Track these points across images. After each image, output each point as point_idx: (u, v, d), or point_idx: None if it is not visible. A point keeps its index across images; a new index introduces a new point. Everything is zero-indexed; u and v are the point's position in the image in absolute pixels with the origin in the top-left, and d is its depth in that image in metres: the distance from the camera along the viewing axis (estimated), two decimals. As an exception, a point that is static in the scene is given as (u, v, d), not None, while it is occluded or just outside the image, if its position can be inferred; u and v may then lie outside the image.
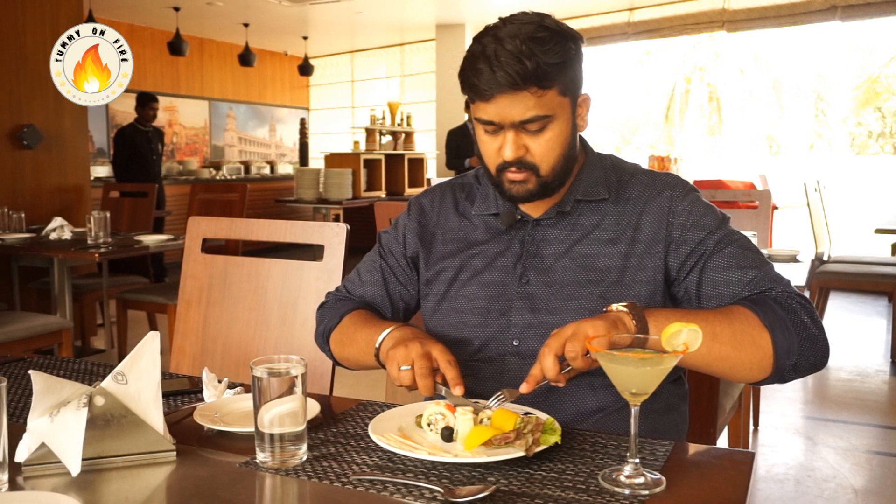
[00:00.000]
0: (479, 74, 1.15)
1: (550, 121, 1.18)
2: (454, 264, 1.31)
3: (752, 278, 1.17)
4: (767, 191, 3.77)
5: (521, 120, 1.16)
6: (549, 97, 1.16)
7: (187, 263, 1.70)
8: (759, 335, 1.09)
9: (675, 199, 1.24)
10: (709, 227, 1.22)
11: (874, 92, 26.72)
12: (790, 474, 2.80)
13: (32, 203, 4.77)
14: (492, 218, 1.32)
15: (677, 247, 1.22)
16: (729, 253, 1.19)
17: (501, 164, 1.21)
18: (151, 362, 1.01)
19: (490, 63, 1.14)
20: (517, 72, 1.12)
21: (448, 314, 1.30)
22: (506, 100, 1.15)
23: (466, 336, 1.27)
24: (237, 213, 4.24)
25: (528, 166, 1.20)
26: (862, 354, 4.52)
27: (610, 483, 0.89)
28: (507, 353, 1.24)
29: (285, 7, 7.87)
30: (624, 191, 1.27)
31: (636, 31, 8.21)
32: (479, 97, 1.17)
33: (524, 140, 1.19)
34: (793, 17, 7.32)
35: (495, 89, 1.14)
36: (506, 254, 1.28)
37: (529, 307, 1.24)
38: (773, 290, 1.16)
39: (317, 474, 0.93)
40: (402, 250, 1.38)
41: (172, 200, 7.52)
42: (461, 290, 1.29)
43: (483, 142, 1.23)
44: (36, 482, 0.93)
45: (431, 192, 1.43)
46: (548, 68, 1.13)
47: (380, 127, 8.12)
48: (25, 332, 3.07)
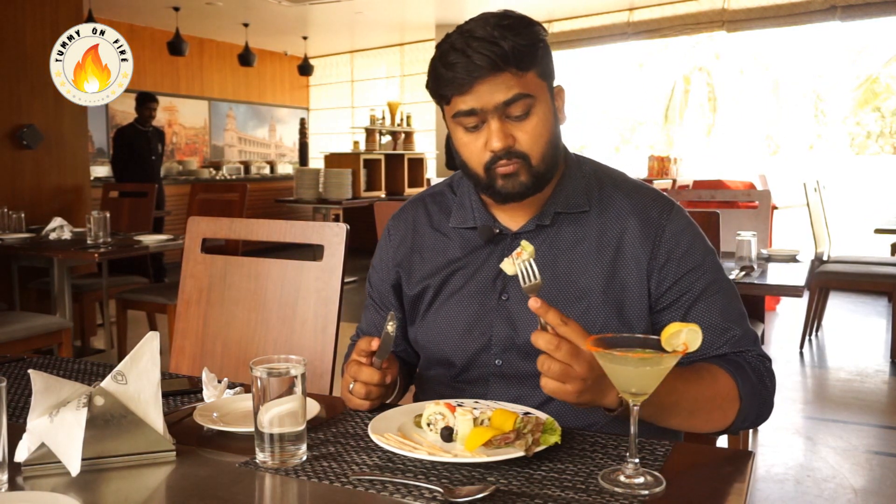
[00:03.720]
0: (452, 66, 1.11)
1: (534, 103, 1.14)
2: (434, 283, 1.27)
3: (733, 336, 1.18)
4: (767, 191, 3.77)
5: (505, 100, 1.11)
6: (529, 79, 1.13)
7: (187, 263, 1.70)
8: (730, 406, 1.13)
9: (663, 222, 1.20)
10: (695, 260, 1.19)
11: (873, 92, 26.71)
12: (790, 474, 2.80)
13: (32, 203, 4.77)
14: (469, 232, 1.27)
15: (660, 273, 1.18)
16: (716, 302, 1.18)
17: (490, 159, 1.15)
18: (151, 362, 1.01)
19: (464, 52, 1.10)
20: (494, 52, 1.09)
21: (430, 333, 1.27)
22: (485, 86, 1.11)
23: (448, 356, 1.25)
24: (237, 213, 4.23)
25: (518, 155, 1.15)
26: (862, 354, 4.52)
27: (610, 483, 0.89)
28: (490, 373, 1.22)
29: (285, 7, 7.87)
30: (606, 202, 1.23)
31: (636, 31, 8.21)
32: (457, 90, 1.12)
33: (510, 129, 1.14)
34: (792, 17, 7.32)
35: (474, 75, 1.10)
36: (484, 269, 1.24)
37: (510, 324, 1.21)
38: (749, 353, 1.18)
39: (316, 474, 0.93)
40: (387, 283, 1.35)
41: (172, 200, 7.52)
42: (441, 310, 1.26)
43: (464, 144, 1.18)
44: (36, 482, 0.93)
45: (403, 211, 1.38)
46: (524, 49, 1.11)
47: (379, 127, 8.12)
48: (25, 333, 3.07)
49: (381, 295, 1.37)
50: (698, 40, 23.73)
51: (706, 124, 26.30)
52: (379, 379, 1.13)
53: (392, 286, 1.35)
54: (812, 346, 4.68)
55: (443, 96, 1.16)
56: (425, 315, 1.28)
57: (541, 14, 8.51)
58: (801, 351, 4.55)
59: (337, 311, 1.55)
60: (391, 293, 1.35)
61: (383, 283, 1.36)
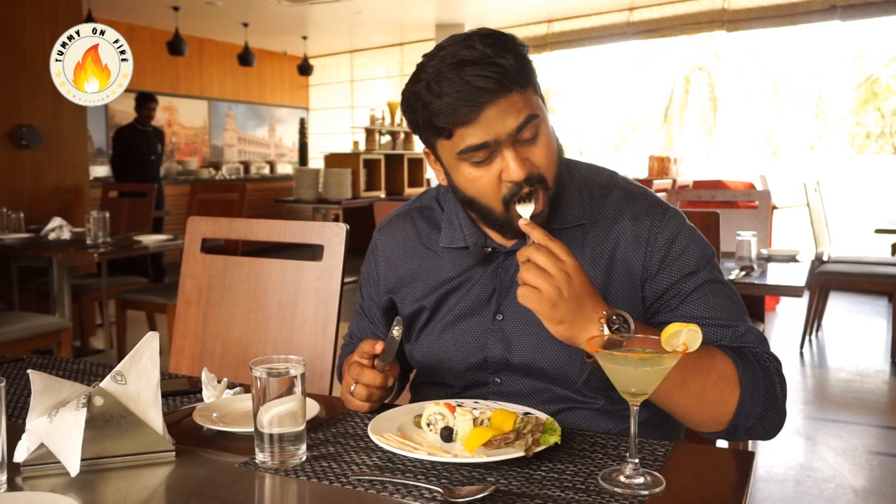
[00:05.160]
0: (448, 95, 1.00)
1: (541, 122, 1.07)
2: (429, 304, 1.24)
3: (735, 332, 1.11)
4: (767, 191, 3.77)
5: (518, 125, 1.03)
6: (529, 96, 1.05)
7: (187, 263, 1.70)
8: (730, 392, 1.04)
9: (655, 229, 1.15)
10: (689, 266, 1.13)
11: (873, 92, 26.73)
12: (790, 474, 2.80)
13: (31, 203, 4.77)
14: (460, 250, 1.23)
15: (654, 281, 1.14)
16: (710, 301, 1.12)
17: (510, 192, 1.06)
18: (150, 362, 1.00)
19: (459, 77, 0.99)
20: (496, 72, 0.99)
21: (427, 355, 1.26)
22: (494, 110, 1.01)
23: (445, 379, 1.24)
24: (237, 213, 4.24)
25: (537, 180, 1.06)
26: (862, 354, 4.52)
27: (610, 483, 0.89)
28: (490, 392, 1.21)
29: (285, 7, 7.87)
30: (599, 209, 1.18)
31: (636, 31, 8.21)
32: (461, 119, 1.01)
33: (523, 154, 1.05)
34: (792, 16, 7.32)
35: (481, 100, 1.00)
36: (477, 288, 1.21)
37: (504, 344, 1.18)
38: (755, 348, 1.11)
39: (316, 474, 0.93)
40: (378, 304, 1.34)
41: (172, 200, 7.52)
42: (436, 331, 1.24)
43: (474, 179, 1.07)
44: (35, 482, 0.93)
45: (391, 225, 1.33)
46: (523, 65, 1.03)
47: (379, 127, 8.13)
48: (24, 333, 3.07)
49: (369, 309, 1.37)
50: (698, 40, 23.76)
51: (706, 124, 26.31)
52: (381, 382, 1.13)
53: (382, 311, 1.34)
54: (812, 346, 4.69)
55: (441, 130, 1.05)
56: (420, 335, 1.26)
57: (541, 14, 8.51)
58: (801, 351, 4.55)
59: (337, 310, 1.55)
60: (379, 314, 1.35)
61: (373, 301, 1.35)
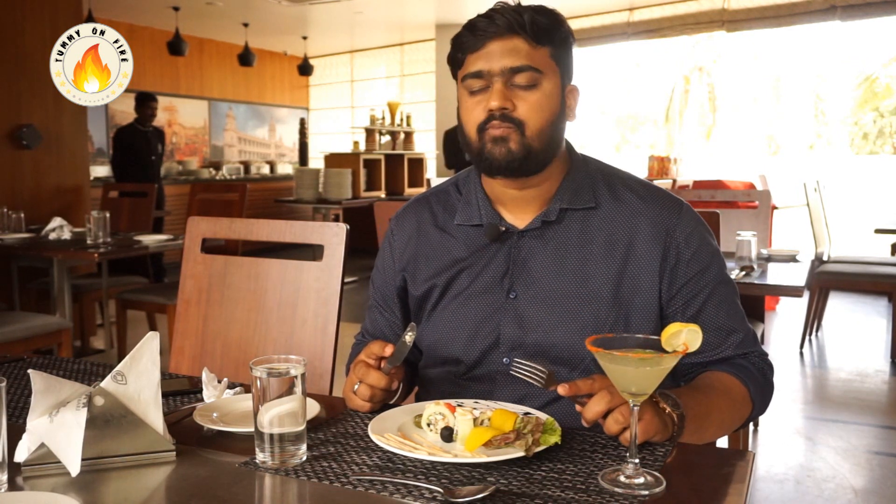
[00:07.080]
0: (473, 27, 1.16)
1: (541, 79, 1.15)
2: (441, 282, 1.26)
3: (737, 339, 1.21)
4: (767, 191, 3.77)
5: (512, 66, 1.14)
6: (541, 55, 1.15)
7: (187, 263, 1.70)
8: (746, 410, 1.19)
9: (673, 222, 1.20)
10: (703, 262, 1.20)
11: (873, 92, 26.73)
12: (790, 474, 2.80)
13: (32, 203, 4.77)
14: (474, 230, 1.26)
15: (671, 274, 1.19)
16: (723, 305, 1.21)
17: (484, 119, 1.16)
18: (151, 362, 1.00)
19: (486, 16, 1.16)
20: (512, 18, 1.14)
21: (437, 333, 1.27)
22: (497, 46, 1.14)
23: (456, 355, 1.25)
24: (237, 213, 4.24)
25: (513, 121, 1.15)
26: (862, 354, 4.52)
27: (610, 483, 0.89)
28: (497, 371, 1.22)
29: (285, 7, 7.87)
30: (616, 200, 1.22)
31: (636, 31, 8.21)
32: (470, 48, 1.16)
33: (511, 95, 1.15)
34: (792, 16, 7.32)
35: (489, 34, 1.14)
36: (491, 267, 1.23)
37: (517, 323, 1.20)
38: (752, 355, 1.22)
39: (316, 474, 0.93)
40: (391, 287, 1.35)
41: (172, 200, 7.52)
42: (448, 309, 1.25)
43: (467, 109, 1.19)
44: (35, 482, 0.93)
45: (406, 211, 1.37)
46: (542, 24, 1.15)
47: (379, 127, 8.13)
48: (25, 333, 3.07)
49: (384, 297, 1.37)
50: (698, 40, 23.76)
51: (706, 124, 26.31)
52: (386, 384, 1.13)
53: (397, 291, 1.35)
54: (812, 346, 4.68)
55: (458, 60, 1.19)
56: (431, 314, 1.28)
57: (541, 14, 8.49)
58: (801, 351, 4.55)
59: (337, 311, 1.55)
60: (395, 297, 1.35)
61: (387, 286, 1.36)
